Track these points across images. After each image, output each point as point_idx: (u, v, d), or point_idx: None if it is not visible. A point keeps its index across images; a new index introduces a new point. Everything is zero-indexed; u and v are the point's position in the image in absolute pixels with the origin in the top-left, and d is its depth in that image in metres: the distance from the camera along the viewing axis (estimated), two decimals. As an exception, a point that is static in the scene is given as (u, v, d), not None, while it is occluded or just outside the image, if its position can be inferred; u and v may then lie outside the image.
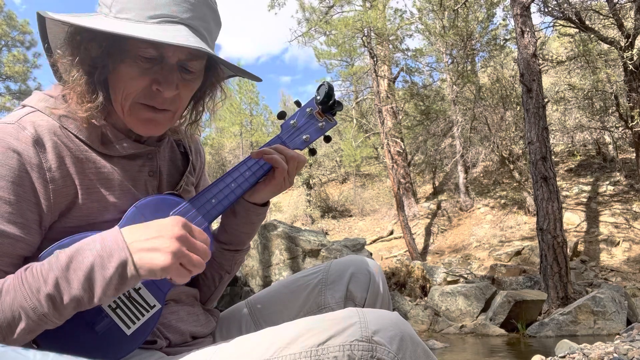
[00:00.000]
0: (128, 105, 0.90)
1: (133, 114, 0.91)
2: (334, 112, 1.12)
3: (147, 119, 0.92)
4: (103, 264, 0.75)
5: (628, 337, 3.79)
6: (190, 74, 0.93)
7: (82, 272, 0.74)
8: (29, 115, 0.88)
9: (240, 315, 1.16)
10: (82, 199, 0.88)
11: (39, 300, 0.74)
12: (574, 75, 12.33)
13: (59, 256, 0.76)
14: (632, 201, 12.16)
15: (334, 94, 1.10)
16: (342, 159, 21.83)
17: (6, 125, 0.85)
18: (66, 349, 0.83)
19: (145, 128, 0.93)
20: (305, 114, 1.10)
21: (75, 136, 0.90)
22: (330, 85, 1.10)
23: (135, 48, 0.87)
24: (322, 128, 1.11)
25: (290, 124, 1.09)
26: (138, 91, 0.89)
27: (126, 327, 0.87)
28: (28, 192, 0.83)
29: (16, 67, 17.91)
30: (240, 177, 1.03)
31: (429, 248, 14.01)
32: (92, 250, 0.76)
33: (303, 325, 0.77)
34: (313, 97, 1.12)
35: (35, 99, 0.92)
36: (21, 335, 0.75)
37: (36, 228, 0.84)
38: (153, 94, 0.90)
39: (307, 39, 15.45)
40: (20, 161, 0.82)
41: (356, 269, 1.11)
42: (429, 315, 7.71)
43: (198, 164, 1.18)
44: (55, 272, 0.74)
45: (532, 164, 7.46)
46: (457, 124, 14.28)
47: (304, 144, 1.10)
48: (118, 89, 0.90)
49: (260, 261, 8.15)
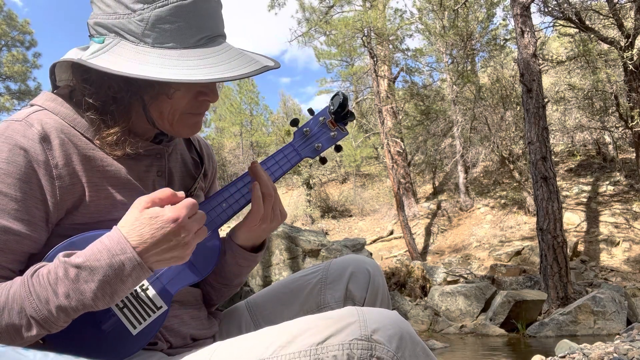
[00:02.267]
0: (176, 119, 0.92)
1: (181, 123, 0.93)
2: (346, 122, 1.13)
3: (194, 124, 0.95)
4: (116, 273, 0.75)
5: (628, 337, 3.79)
6: None
7: (94, 283, 0.74)
8: (37, 113, 0.88)
9: (239, 315, 1.16)
10: (89, 196, 0.88)
11: (50, 312, 0.74)
12: (574, 75, 12.32)
13: (66, 266, 0.75)
14: (632, 201, 12.16)
15: (347, 105, 1.11)
16: (342, 159, 21.84)
17: (13, 122, 0.85)
18: (72, 346, 0.83)
19: (192, 132, 0.96)
20: (318, 122, 1.11)
21: (82, 134, 0.90)
22: (345, 95, 1.11)
23: None
24: (334, 137, 1.12)
25: (303, 131, 1.10)
26: (186, 106, 0.91)
27: (132, 327, 0.87)
28: (35, 189, 0.83)
29: (16, 67, 17.92)
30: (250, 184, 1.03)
31: (429, 248, 14.01)
32: (100, 260, 0.75)
33: (302, 324, 0.77)
34: (326, 107, 1.13)
35: (44, 98, 0.92)
36: (29, 339, 0.76)
37: (42, 225, 0.84)
38: (200, 104, 0.92)
39: (307, 39, 15.45)
40: (27, 158, 0.82)
41: (356, 269, 1.11)
42: (429, 315, 7.71)
43: (210, 169, 1.18)
44: (65, 284, 0.74)
45: (532, 164, 7.46)
46: (457, 124, 14.28)
47: (315, 153, 1.10)
48: (163, 108, 0.91)
49: (260, 261, 8.14)
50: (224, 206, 0.99)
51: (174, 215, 0.77)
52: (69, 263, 0.75)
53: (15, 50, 18.21)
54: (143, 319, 0.88)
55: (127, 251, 0.75)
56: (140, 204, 0.79)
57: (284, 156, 1.08)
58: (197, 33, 0.85)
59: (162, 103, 0.90)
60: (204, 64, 0.82)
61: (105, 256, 0.75)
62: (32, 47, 18.54)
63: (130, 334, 0.87)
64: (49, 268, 0.76)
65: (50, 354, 0.59)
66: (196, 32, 0.84)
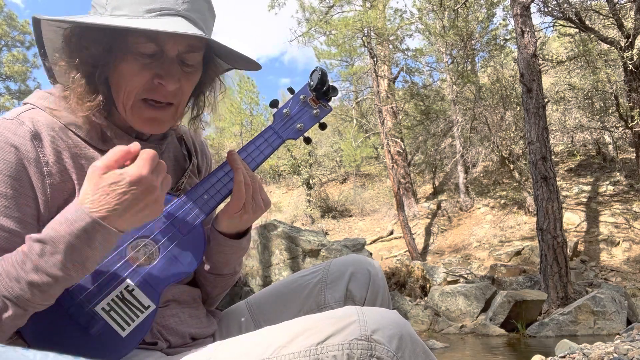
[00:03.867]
0: (130, 103, 0.91)
1: (135, 113, 0.92)
2: (328, 98, 1.08)
3: (149, 118, 0.92)
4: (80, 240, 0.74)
5: (628, 337, 3.79)
6: (190, 66, 0.94)
7: (60, 254, 0.73)
8: (28, 111, 0.89)
9: (239, 315, 1.16)
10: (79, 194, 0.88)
11: (22, 289, 0.74)
12: (574, 75, 12.32)
13: (30, 242, 0.75)
14: (632, 201, 12.15)
15: (327, 80, 1.06)
16: (342, 159, 21.82)
17: (5, 120, 0.86)
18: (60, 351, 0.82)
19: (148, 127, 0.94)
20: (298, 101, 1.07)
21: (74, 133, 0.91)
22: (324, 70, 1.06)
23: (134, 45, 0.88)
24: (317, 115, 1.07)
25: (283, 112, 1.06)
26: (140, 87, 0.90)
27: (121, 329, 0.86)
28: (25, 186, 0.83)
29: (16, 67, 17.92)
30: (231, 173, 1.00)
31: (429, 248, 14.00)
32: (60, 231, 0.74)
33: (302, 324, 0.77)
34: (306, 84, 1.08)
35: (36, 97, 0.93)
36: (9, 322, 0.75)
37: (33, 223, 0.84)
38: (155, 88, 0.90)
39: (307, 39, 15.44)
40: (18, 155, 0.83)
41: (356, 269, 1.11)
42: (429, 315, 7.71)
43: (204, 165, 1.18)
44: (32, 259, 0.73)
45: (532, 164, 7.45)
46: (457, 124, 14.27)
47: (298, 133, 1.06)
48: (120, 87, 0.90)
49: (260, 261, 8.14)
50: (206, 197, 0.97)
51: (136, 175, 0.75)
52: (32, 238, 0.74)
53: (15, 50, 18.22)
54: (132, 320, 0.87)
55: (85, 217, 0.74)
56: (95, 171, 0.76)
57: (264, 140, 1.04)
58: (151, 4, 0.86)
59: (118, 79, 0.90)
60: (147, 23, 0.84)
61: (65, 226, 0.74)
62: (32, 47, 18.54)
63: (119, 336, 0.86)
64: (14, 252, 0.76)
65: (50, 354, 0.59)
66: (149, 3, 0.86)
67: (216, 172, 1.00)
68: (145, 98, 0.91)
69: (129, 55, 0.88)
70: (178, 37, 0.88)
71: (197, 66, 0.96)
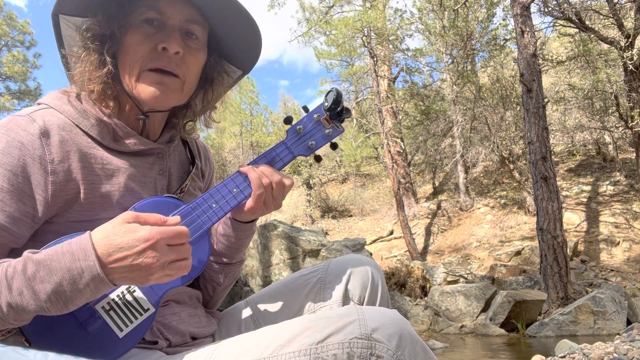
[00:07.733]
0: (136, 74, 0.92)
1: (141, 82, 0.93)
2: (341, 119, 1.10)
3: (155, 82, 0.93)
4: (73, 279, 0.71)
5: (628, 337, 3.79)
6: (194, 40, 0.96)
7: (50, 285, 0.71)
8: (42, 110, 0.90)
9: (239, 314, 1.16)
10: (84, 193, 0.88)
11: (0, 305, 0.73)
12: (574, 75, 12.32)
13: (26, 261, 0.73)
14: (632, 201, 12.15)
15: (342, 101, 1.08)
16: (342, 159, 21.84)
17: (18, 117, 0.87)
18: (58, 348, 0.82)
19: (154, 96, 0.93)
20: (312, 120, 1.08)
21: (85, 133, 0.92)
22: (339, 91, 1.08)
23: (137, 14, 0.91)
24: (329, 135, 1.09)
25: (296, 129, 1.07)
26: (145, 55, 0.92)
27: (119, 330, 0.86)
28: (24, 183, 0.83)
29: (16, 67, 17.92)
30: (243, 184, 1.01)
31: (429, 248, 14.00)
32: (60, 262, 0.72)
33: (302, 323, 0.78)
34: (321, 104, 1.10)
35: (50, 97, 0.95)
36: None
37: (27, 221, 0.84)
38: (159, 55, 0.92)
39: (307, 38, 15.45)
40: (22, 152, 0.83)
41: (355, 268, 1.11)
42: (429, 315, 7.71)
43: (207, 170, 1.19)
44: (21, 279, 0.72)
45: (532, 164, 7.46)
46: (457, 124, 14.27)
47: (309, 151, 1.08)
48: (126, 60, 0.93)
49: (260, 261, 8.15)
50: (215, 207, 0.98)
51: (146, 235, 0.73)
52: (30, 258, 0.73)
53: (16, 50, 18.21)
54: (130, 322, 0.87)
55: (90, 259, 0.72)
56: (124, 216, 0.76)
57: (276, 155, 1.06)
58: None
59: (125, 53, 0.93)
60: None
61: (67, 259, 0.72)
62: (32, 47, 18.54)
63: (117, 336, 0.86)
64: (11, 262, 0.75)
65: (50, 354, 0.59)
66: None
67: (227, 183, 1.01)
68: (151, 68, 0.93)
69: (132, 27, 0.92)
70: (175, 3, 0.92)
71: (201, 44, 0.98)
